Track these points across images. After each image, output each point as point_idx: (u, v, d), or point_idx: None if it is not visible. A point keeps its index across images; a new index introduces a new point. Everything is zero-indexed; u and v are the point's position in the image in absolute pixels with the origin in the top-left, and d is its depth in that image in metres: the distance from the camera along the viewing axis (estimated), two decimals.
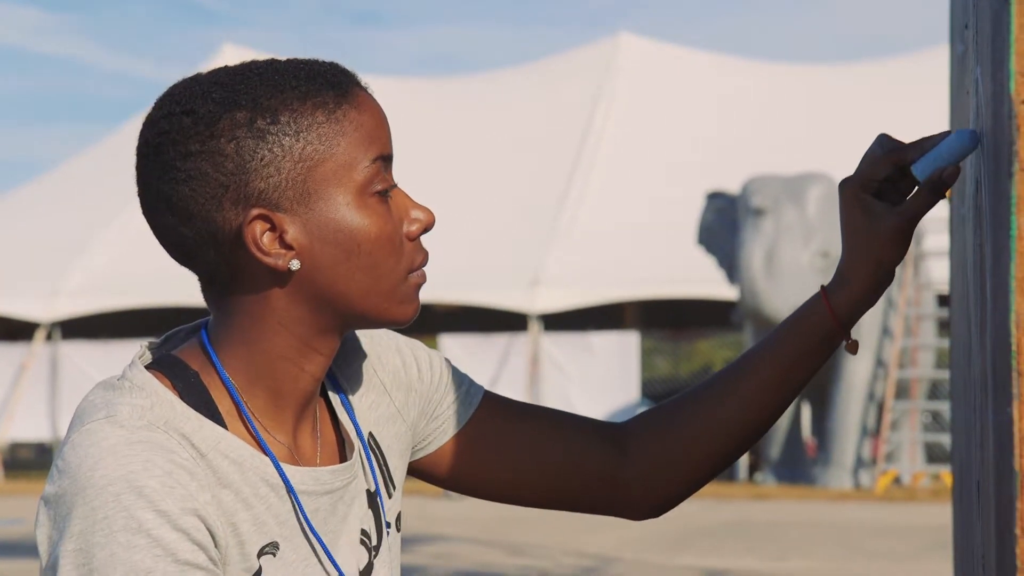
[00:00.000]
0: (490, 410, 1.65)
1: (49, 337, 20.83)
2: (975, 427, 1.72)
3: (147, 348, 1.49)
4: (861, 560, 10.36)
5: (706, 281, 18.50)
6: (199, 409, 1.42)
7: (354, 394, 1.57)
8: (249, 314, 1.44)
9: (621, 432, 1.66)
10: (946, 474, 16.44)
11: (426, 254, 1.48)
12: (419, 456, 1.64)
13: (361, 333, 1.61)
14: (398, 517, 1.59)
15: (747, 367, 1.62)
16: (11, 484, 19.20)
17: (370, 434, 1.57)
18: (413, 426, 1.62)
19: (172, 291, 19.62)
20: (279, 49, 53.34)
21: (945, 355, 17.55)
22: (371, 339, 1.62)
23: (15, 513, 14.36)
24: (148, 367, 1.45)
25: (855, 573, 9.82)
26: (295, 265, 1.42)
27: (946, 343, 12.23)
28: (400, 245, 1.45)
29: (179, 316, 19.18)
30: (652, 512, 1.68)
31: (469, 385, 1.66)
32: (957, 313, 2.46)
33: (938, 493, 15.60)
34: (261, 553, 1.42)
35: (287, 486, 1.44)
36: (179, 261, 1.46)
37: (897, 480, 16.88)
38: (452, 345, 19.53)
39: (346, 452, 1.54)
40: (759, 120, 23.07)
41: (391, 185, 1.46)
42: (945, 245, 8.47)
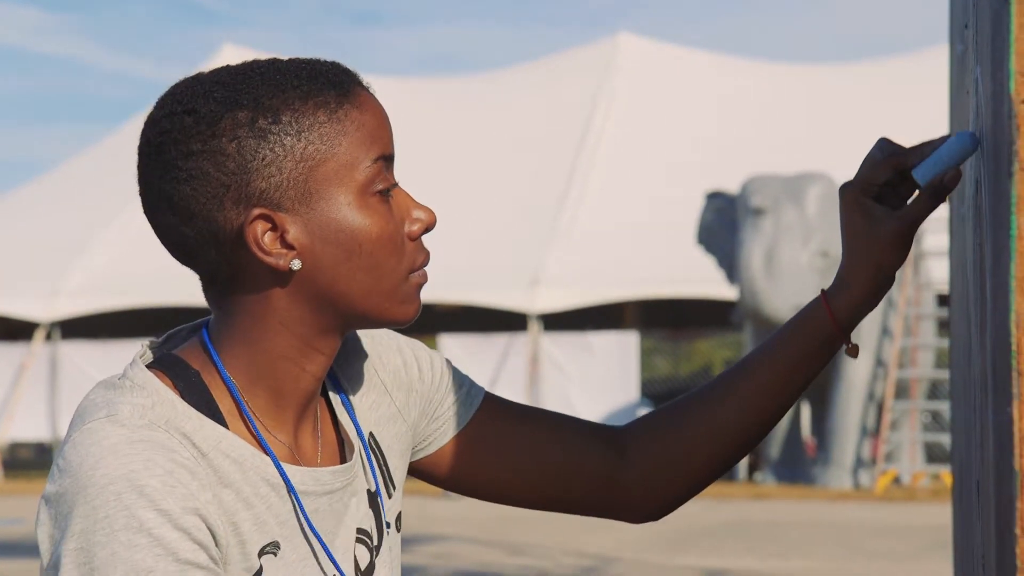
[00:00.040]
0: (490, 412, 1.64)
1: (49, 337, 20.82)
2: (975, 427, 1.72)
3: (148, 347, 1.49)
4: (861, 560, 10.36)
5: (706, 281, 18.50)
6: (200, 408, 1.42)
7: (355, 394, 1.57)
8: (250, 314, 1.44)
9: (621, 435, 1.66)
10: (946, 474, 16.43)
11: (427, 254, 1.48)
12: (419, 456, 1.64)
13: (362, 333, 1.61)
14: (398, 517, 1.59)
15: (747, 370, 1.62)
16: (11, 484, 19.20)
17: (371, 434, 1.57)
18: (414, 426, 1.62)
19: (172, 291, 19.62)
20: (279, 49, 53.34)
21: (945, 355, 17.55)
22: (372, 339, 1.62)
23: (15, 513, 14.36)
24: (149, 366, 1.45)
25: (855, 573, 9.81)
26: (296, 265, 1.42)
27: (946, 343, 12.22)
28: (401, 245, 1.45)
29: (179, 316, 19.17)
30: (652, 515, 1.68)
31: (470, 386, 1.66)
32: (957, 313, 2.46)
33: (938, 493, 15.60)
34: (262, 553, 1.42)
35: (288, 486, 1.44)
36: (180, 261, 1.46)
37: (897, 480, 16.87)
38: (452, 345, 19.52)
39: (346, 452, 1.54)
40: (759, 120, 23.07)
41: (392, 185, 1.46)
42: (945, 245, 8.46)
